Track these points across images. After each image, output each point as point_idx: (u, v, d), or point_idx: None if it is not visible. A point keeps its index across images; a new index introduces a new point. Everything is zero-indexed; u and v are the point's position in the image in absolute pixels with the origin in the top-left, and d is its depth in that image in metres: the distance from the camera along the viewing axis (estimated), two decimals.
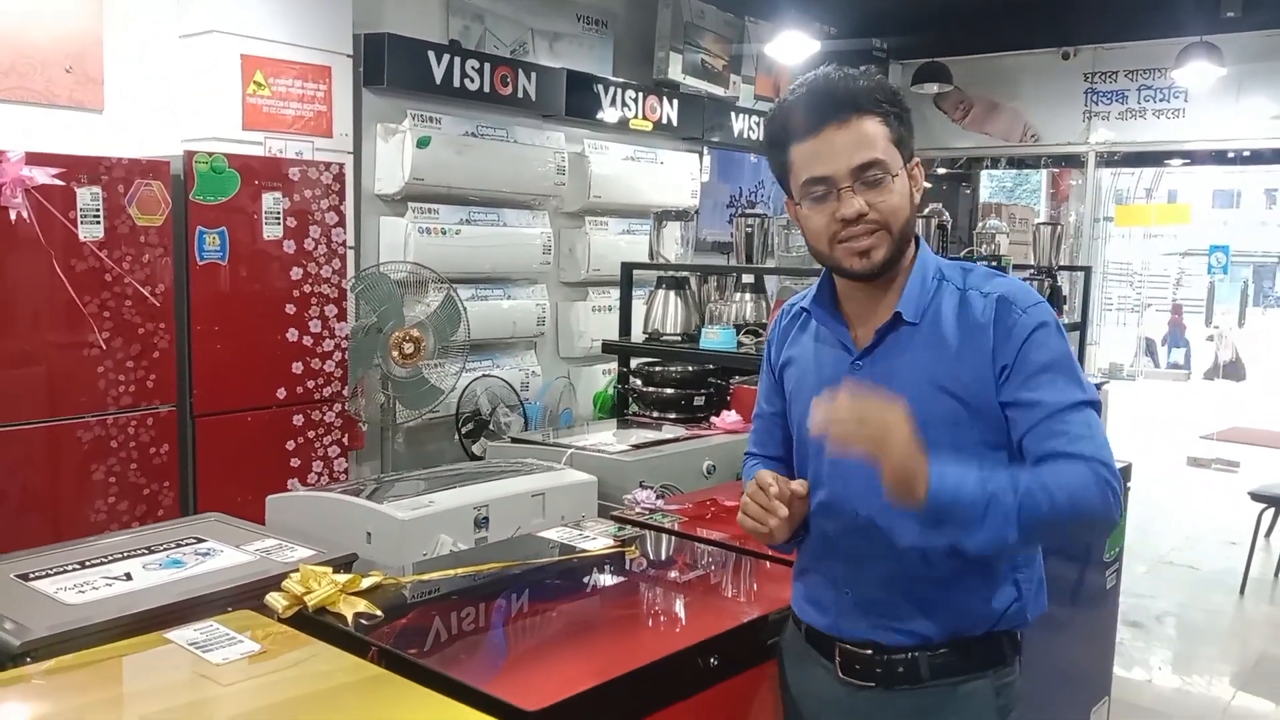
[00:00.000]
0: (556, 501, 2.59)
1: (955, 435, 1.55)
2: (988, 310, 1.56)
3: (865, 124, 1.56)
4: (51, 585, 1.88)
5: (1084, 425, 1.51)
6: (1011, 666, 1.65)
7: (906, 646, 1.61)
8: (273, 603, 1.80)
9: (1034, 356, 1.53)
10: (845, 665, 1.66)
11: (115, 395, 3.46)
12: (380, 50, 4.70)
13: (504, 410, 5.09)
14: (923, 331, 1.60)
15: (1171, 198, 16.18)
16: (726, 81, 6.68)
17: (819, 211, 1.59)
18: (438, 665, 1.60)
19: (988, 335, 1.55)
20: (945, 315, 1.59)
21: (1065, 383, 1.53)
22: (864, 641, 1.64)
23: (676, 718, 1.69)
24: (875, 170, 1.55)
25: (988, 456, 1.55)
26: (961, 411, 1.55)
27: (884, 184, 1.56)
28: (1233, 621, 5.13)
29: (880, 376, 1.60)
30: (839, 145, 1.55)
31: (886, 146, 1.56)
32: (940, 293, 1.61)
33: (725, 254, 6.57)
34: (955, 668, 1.61)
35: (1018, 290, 1.59)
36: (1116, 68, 7.64)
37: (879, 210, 1.56)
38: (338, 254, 4.06)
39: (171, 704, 1.53)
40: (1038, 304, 1.57)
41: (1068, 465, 1.48)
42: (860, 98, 1.56)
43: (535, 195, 5.47)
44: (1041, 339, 1.54)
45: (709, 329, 3.88)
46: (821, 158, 1.56)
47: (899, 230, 1.58)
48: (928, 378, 1.57)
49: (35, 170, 3.22)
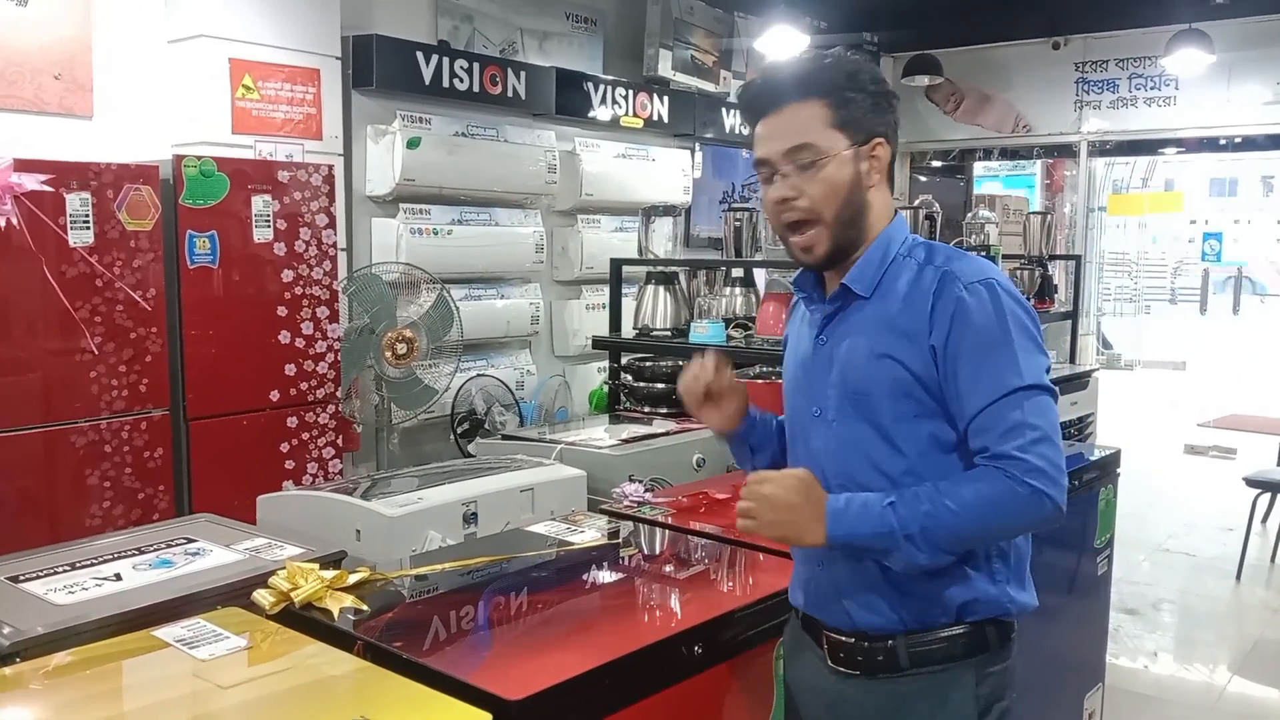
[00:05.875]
0: (545, 496, 2.60)
1: (897, 407, 1.57)
2: (932, 283, 1.57)
3: (803, 109, 1.58)
4: (42, 586, 1.90)
5: (1013, 418, 1.50)
6: (998, 655, 1.64)
7: (885, 632, 1.61)
8: (260, 599, 1.81)
9: (967, 337, 1.52)
10: (832, 653, 1.68)
11: (108, 400, 3.48)
12: (369, 52, 4.71)
13: (499, 409, 5.11)
14: (873, 304, 1.62)
15: (1168, 187, 16.18)
16: (717, 77, 6.69)
17: (766, 194, 1.64)
18: (422, 658, 1.61)
19: (925, 306, 1.56)
20: (897, 288, 1.60)
21: (999, 368, 1.51)
22: (845, 629, 1.65)
23: (662, 705, 1.71)
24: (805, 154, 1.58)
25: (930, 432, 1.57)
26: (907, 379, 1.56)
27: (815, 168, 1.58)
28: (1229, 607, 5.14)
29: (835, 348, 1.65)
30: (775, 129, 1.60)
31: (824, 130, 1.58)
32: (900, 267, 1.62)
33: (719, 249, 6.58)
34: (934, 656, 1.60)
35: (969, 267, 1.58)
36: (1107, 56, 7.65)
37: (809, 196, 1.58)
38: (329, 256, 4.07)
39: (158, 699, 1.55)
40: (983, 280, 1.55)
41: (985, 475, 1.50)
42: (798, 83, 1.60)
43: (527, 194, 5.48)
44: (979, 318, 1.52)
45: (698, 323, 3.90)
46: (762, 141, 1.63)
47: (834, 217, 1.59)
48: (869, 348, 1.59)
49: (24, 177, 3.23)
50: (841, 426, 1.62)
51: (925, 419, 1.57)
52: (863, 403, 1.59)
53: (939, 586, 1.59)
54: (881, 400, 1.57)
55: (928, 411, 1.57)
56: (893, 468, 1.58)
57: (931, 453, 1.57)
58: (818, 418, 1.66)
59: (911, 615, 1.61)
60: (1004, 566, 1.63)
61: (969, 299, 1.53)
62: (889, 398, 1.57)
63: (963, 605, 1.60)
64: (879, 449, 1.59)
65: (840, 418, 1.63)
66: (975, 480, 1.52)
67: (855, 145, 1.59)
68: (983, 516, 1.51)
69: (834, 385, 1.63)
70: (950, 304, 1.54)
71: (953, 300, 1.54)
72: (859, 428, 1.60)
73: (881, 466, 1.59)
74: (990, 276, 1.56)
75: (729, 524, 2.39)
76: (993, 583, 1.61)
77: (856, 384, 1.60)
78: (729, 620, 1.85)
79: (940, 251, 1.63)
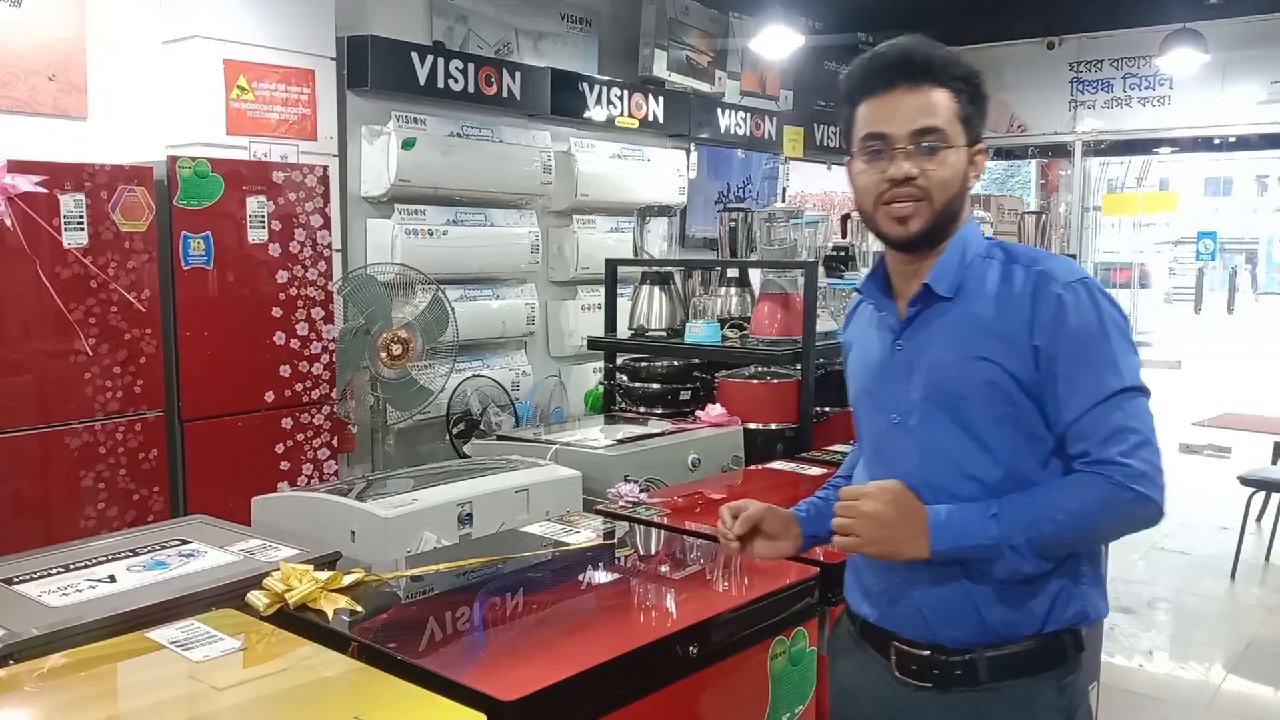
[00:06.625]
0: (540, 497, 2.60)
1: (991, 410, 1.54)
2: (1027, 284, 1.55)
3: (936, 93, 1.57)
4: (35, 589, 1.89)
5: (1114, 422, 1.49)
6: (1074, 664, 1.61)
7: (965, 645, 1.58)
8: (254, 601, 1.81)
9: (1067, 339, 1.51)
10: (901, 665, 1.63)
11: (103, 402, 3.47)
12: (363, 52, 4.71)
13: (495, 410, 5.10)
14: (958, 305, 1.59)
15: (1163, 187, 16.19)
16: (712, 77, 6.70)
17: (871, 169, 1.59)
18: (417, 658, 1.61)
19: (1023, 306, 1.54)
20: (985, 289, 1.58)
21: (1099, 370, 1.51)
22: (920, 642, 1.61)
23: (657, 705, 1.71)
24: (934, 138, 1.56)
25: (1023, 435, 1.54)
26: (1004, 380, 1.53)
27: (939, 154, 1.56)
28: (1224, 606, 5.16)
29: (917, 353, 1.61)
30: (905, 106, 1.57)
31: (951, 120, 1.57)
32: (983, 268, 1.60)
33: (715, 249, 6.58)
34: (1015, 669, 1.57)
35: (1062, 266, 1.57)
36: (1101, 56, 7.67)
37: (928, 178, 1.56)
38: (323, 256, 4.07)
39: (152, 701, 1.55)
40: (1081, 279, 1.54)
41: (1088, 481, 1.50)
42: (937, 67, 1.58)
43: (522, 195, 5.48)
44: (1079, 319, 1.51)
45: (693, 324, 3.89)
46: (885, 115, 1.58)
47: (943, 204, 1.58)
48: (962, 351, 1.56)
49: (18, 178, 3.23)
50: (927, 432, 1.59)
51: (1019, 421, 1.55)
52: (954, 407, 1.56)
53: (1028, 594, 1.56)
54: (975, 404, 1.55)
55: (1022, 414, 1.54)
56: (983, 472, 1.55)
57: (1023, 455, 1.55)
58: (897, 425, 1.63)
59: (997, 627, 1.56)
60: (1091, 569, 1.61)
61: (1068, 298, 1.52)
62: (984, 401, 1.55)
63: (1049, 613, 1.57)
64: (968, 453, 1.56)
65: (925, 423, 1.60)
66: (1079, 485, 1.51)
67: (968, 144, 1.60)
68: (1088, 522, 1.51)
69: (917, 390, 1.60)
70: (1050, 304, 1.52)
71: (1052, 300, 1.52)
72: (946, 433, 1.57)
73: (971, 471, 1.56)
74: (1085, 276, 1.56)
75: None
76: (1079, 586, 1.59)
77: (947, 388, 1.57)
78: (723, 620, 1.86)
79: (1022, 251, 1.61)
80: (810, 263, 3.67)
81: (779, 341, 3.72)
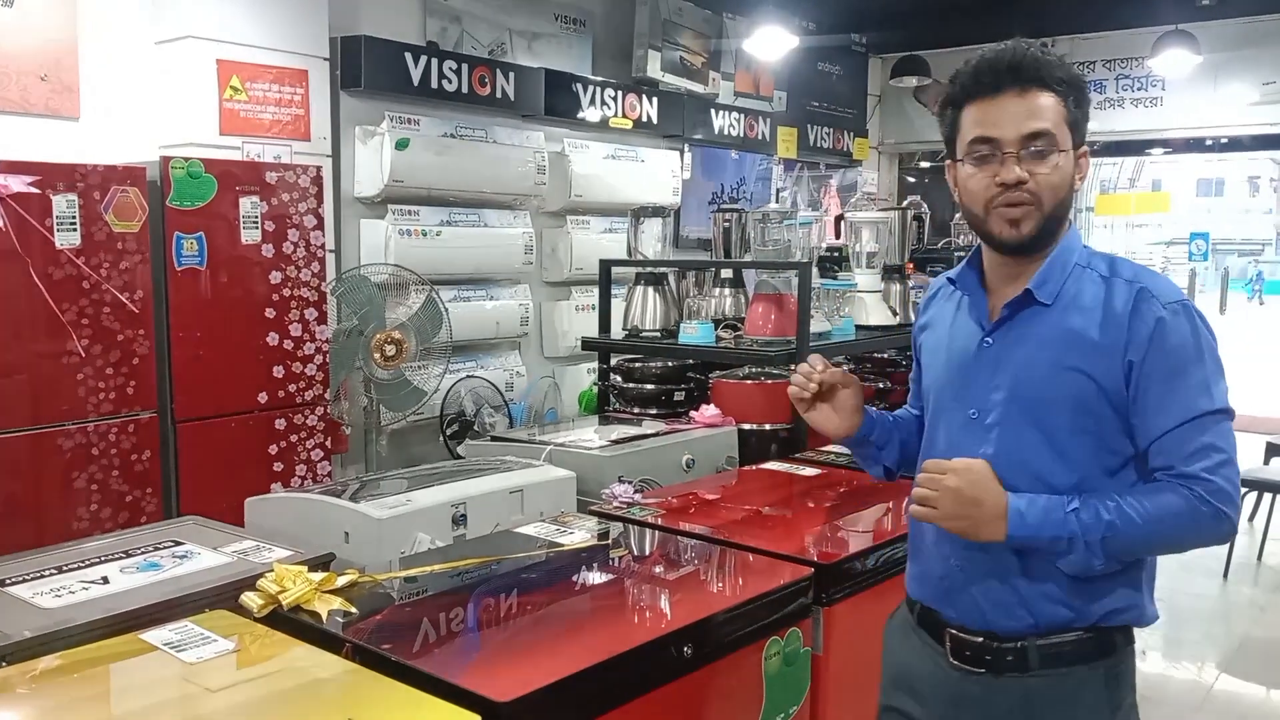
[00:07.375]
0: (535, 498, 2.60)
1: (1075, 420, 1.57)
2: (1128, 300, 1.57)
3: (1043, 97, 1.58)
4: (28, 590, 1.89)
5: (1201, 441, 1.53)
6: (1123, 656, 1.64)
7: (1017, 634, 1.61)
8: (248, 602, 1.81)
9: (1163, 358, 1.54)
10: (956, 650, 1.67)
11: (95, 403, 3.46)
12: (357, 52, 4.70)
13: (489, 411, 5.10)
14: (1055, 313, 1.61)
15: (1156, 188, 16.25)
16: (706, 78, 6.70)
17: (980, 173, 1.61)
18: (411, 660, 1.61)
19: (1124, 325, 1.56)
20: (1084, 300, 1.60)
21: (1191, 391, 1.54)
22: (975, 629, 1.64)
23: (652, 706, 1.72)
24: (1043, 142, 1.57)
25: (1102, 447, 1.57)
26: (1093, 392, 1.56)
27: (1049, 158, 1.58)
28: (1216, 605, 5.17)
29: (1005, 354, 1.63)
30: (1014, 111, 1.58)
31: (1059, 123, 1.59)
32: (1082, 278, 1.62)
33: (708, 250, 6.58)
34: (1065, 658, 1.60)
35: (1163, 286, 1.59)
36: (1094, 57, 7.68)
37: (1038, 182, 1.58)
38: (317, 257, 4.06)
39: (146, 703, 1.54)
40: (1181, 301, 1.57)
41: (1169, 492, 1.53)
42: (1045, 71, 1.59)
43: (516, 195, 5.48)
44: (1177, 339, 1.54)
45: (687, 324, 3.90)
46: (994, 120, 1.59)
47: (1051, 207, 1.60)
48: (1055, 359, 1.58)
49: (10, 178, 3.22)
50: (1004, 432, 1.62)
51: (1099, 434, 1.57)
52: (1037, 412, 1.59)
53: (1084, 594, 1.59)
54: (1060, 413, 1.57)
55: (1104, 426, 1.57)
56: (1057, 479, 1.58)
57: (1094, 466, 1.58)
58: (974, 420, 1.65)
59: (1049, 619, 1.60)
60: (1147, 576, 1.64)
61: (1169, 319, 1.55)
62: (1070, 410, 1.57)
63: (1102, 613, 1.60)
64: (1044, 459, 1.59)
65: (1004, 423, 1.62)
66: (1161, 495, 1.53)
67: (1074, 148, 1.61)
68: (1164, 531, 1.54)
69: (1001, 390, 1.62)
70: (1149, 322, 1.55)
71: (1152, 319, 1.55)
72: (1025, 436, 1.60)
73: (1044, 476, 1.58)
74: (1185, 298, 1.59)
75: (718, 524, 2.40)
76: (1134, 590, 1.61)
77: (1034, 393, 1.59)
78: (718, 621, 1.86)
79: (1123, 265, 1.63)
80: (804, 263, 3.67)
81: (773, 342, 3.73)
